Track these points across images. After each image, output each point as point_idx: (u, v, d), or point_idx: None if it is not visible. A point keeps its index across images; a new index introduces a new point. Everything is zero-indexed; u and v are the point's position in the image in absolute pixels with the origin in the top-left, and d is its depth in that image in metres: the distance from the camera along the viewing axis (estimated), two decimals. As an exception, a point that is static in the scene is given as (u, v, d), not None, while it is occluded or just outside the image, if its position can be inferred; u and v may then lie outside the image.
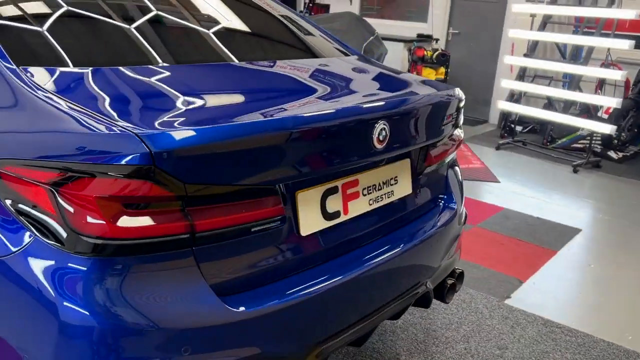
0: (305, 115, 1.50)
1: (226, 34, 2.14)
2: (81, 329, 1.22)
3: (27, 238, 1.26)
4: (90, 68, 1.56)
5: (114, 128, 1.23)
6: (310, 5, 9.12)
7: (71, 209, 1.21)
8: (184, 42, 2.00)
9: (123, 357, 1.24)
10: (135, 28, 1.85)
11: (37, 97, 1.36)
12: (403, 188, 1.93)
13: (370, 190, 1.78)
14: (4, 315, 1.32)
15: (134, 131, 1.21)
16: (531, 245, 3.72)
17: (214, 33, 2.05)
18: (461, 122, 2.24)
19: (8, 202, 1.29)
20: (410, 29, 7.99)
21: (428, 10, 7.90)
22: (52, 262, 1.24)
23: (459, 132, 2.22)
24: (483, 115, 7.63)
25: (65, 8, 1.77)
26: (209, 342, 1.34)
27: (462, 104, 2.18)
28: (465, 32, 7.75)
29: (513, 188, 4.91)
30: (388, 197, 1.86)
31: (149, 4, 2.01)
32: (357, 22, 6.06)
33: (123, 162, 1.19)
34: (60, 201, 1.21)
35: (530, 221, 4.13)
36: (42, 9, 1.80)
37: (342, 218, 1.68)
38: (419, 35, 7.77)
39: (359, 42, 5.80)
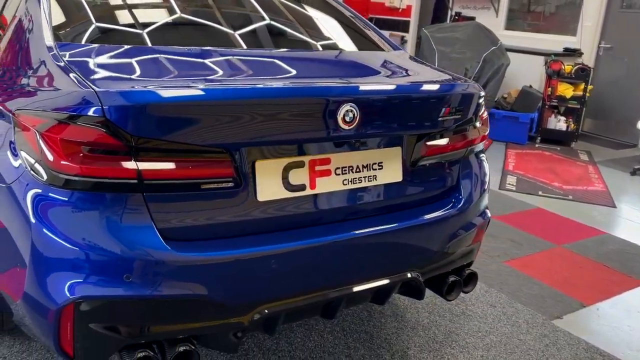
0: (252, 87, 1.66)
1: (243, 20, 2.36)
2: (48, 240, 1.53)
3: (23, 170, 1.61)
4: (97, 44, 1.89)
5: (85, 88, 1.53)
6: (456, 17, 9.05)
7: (46, 149, 1.53)
8: (195, 30, 2.25)
9: (71, 265, 1.52)
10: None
11: (51, 65, 1.72)
12: (390, 175, 1.98)
13: (345, 170, 1.88)
14: (12, 226, 1.67)
15: (96, 90, 1.50)
16: (616, 272, 3.39)
17: (228, 19, 2.29)
18: (480, 117, 2.21)
19: (17, 141, 1.66)
20: (557, 42, 7.53)
21: (578, 23, 7.38)
22: (37, 190, 1.57)
23: (476, 128, 2.20)
24: (632, 138, 6.90)
25: None
26: (150, 275, 1.56)
27: (478, 100, 2.16)
28: (619, 46, 7.09)
29: (629, 215, 4.45)
30: (369, 181, 1.93)
31: None
32: (480, 32, 5.94)
33: (82, 113, 1.49)
34: (41, 142, 1.54)
35: (629, 249, 3.74)
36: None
37: (308, 192, 1.81)
38: (566, 49, 7.29)
39: (480, 52, 5.69)
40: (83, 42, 1.91)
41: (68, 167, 1.51)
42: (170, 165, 1.57)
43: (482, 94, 2.25)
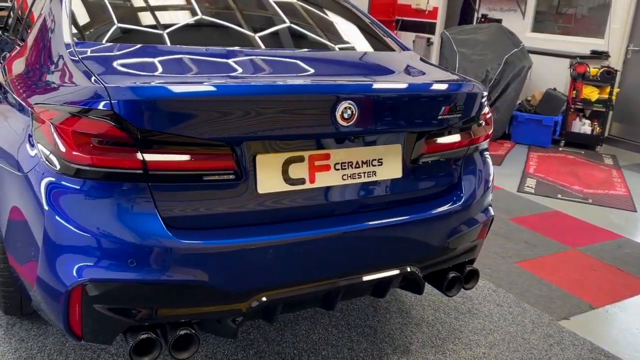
0: (253, 85, 1.74)
1: (251, 20, 2.44)
2: (58, 225, 1.63)
3: (38, 160, 1.72)
4: (113, 43, 1.99)
5: (97, 84, 1.63)
6: (482, 20, 9.00)
7: (59, 141, 1.63)
8: (213, 31, 2.34)
9: (80, 250, 1.62)
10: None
11: (68, 62, 1.83)
12: (390, 171, 2.04)
13: (344, 166, 1.94)
14: (28, 214, 1.78)
15: (105, 85, 1.60)
16: (629, 276, 3.36)
17: (245, 19, 2.37)
18: (483, 116, 2.25)
19: (34, 134, 1.77)
20: (584, 45, 7.43)
21: (606, 26, 7.27)
22: (50, 179, 1.68)
23: (479, 127, 2.23)
24: (661, 144, 6.78)
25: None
26: (153, 260, 1.65)
27: (480, 99, 2.20)
28: (649, 49, 6.97)
29: (649, 219, 4.39)
30: (368, 177, 1.99)
31: None
32: (502, 34, 5.92)
33: (93, 106, 1.59)
34: (55, 134, 1.65)
35: (646, 253, 3.70)
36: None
37: (308, 186, 1.88)
38: (592, 52, 7.20)
39: (501, 54, 5.67)
40: (99, 40, 2.02)
41: (79, 158, 1.61)
42: (174, 157, 1.66)
43: (485, 93, 2.28)
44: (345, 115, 1.83)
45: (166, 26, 2.21)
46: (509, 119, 6.32)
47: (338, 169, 1.93)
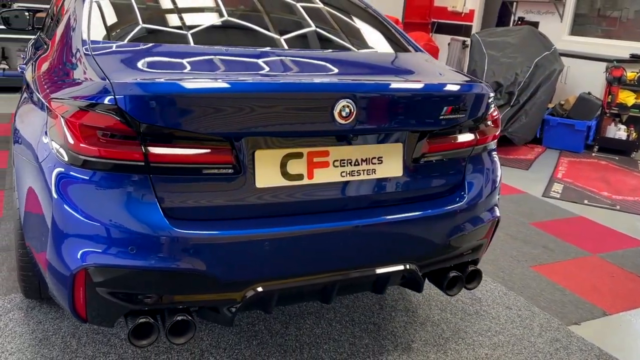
0: (252, 82, 1.80)
1: (266, 21, 2.50)
2: (65, 213, 1.73)
3: (50, 151, 1.83)
4: (126, 42, 2.09)
5: (104, 80, 1.73)
6: (519, 22, 8.86)
7: (68, 133, 1.73)
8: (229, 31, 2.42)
9: (84, 237, 1.72)
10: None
11: (82, 59, 1.93)
12: (390, 170, 2.07)
13: (343, 163, 1.98)
14: (42, 202, 1.89)
15: (111, 81, 1.69)
16: (649, 283, 3.29)
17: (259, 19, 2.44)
18: (489, 116, 2.25)
19: (48, 126, 1.88)
20: (624, 48, 7.23)
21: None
22: (59, 169, 1.78)
23: (484, 128, 2.24)
24: None
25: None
26: (152, 248, 1.74)
27: (486, 100, 2.20)
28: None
29: (679, 227, 4.27)
30: (367, 174, 2.03)
31: None
32: (533, 36, 5.83)
33: (99, 101, 1.68)
34: (64, 127, 1.75)
35: (670, 262, 3.61)
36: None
37: (306, 181, 1.93)
38: (632, 56, 7.00)
39: (531, 57, 5.59)
40: (114, 39, 2.12)
41: (86, 149, 1.70)
42: (174, 151, 1.74)
43: (492, 94, 2.29)
44: (344, 114, 1.87)
45: (176, 27, 2.30)
46: (540, 123, 6.22)
47: (337, 166, 1.98)
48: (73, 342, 2.34)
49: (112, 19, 2.25)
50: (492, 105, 2.31)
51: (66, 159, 1.75)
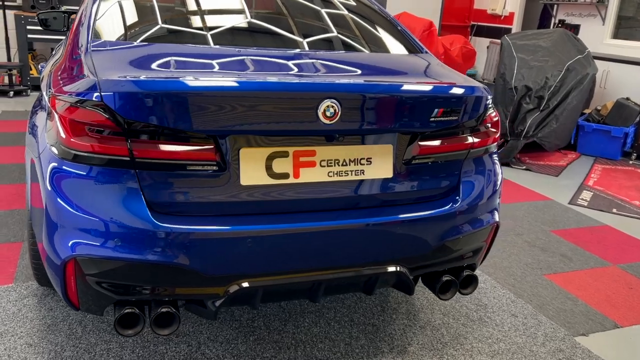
0: (234, 81, 1.83)
1: (264, 20, 2.54)
2: (56, 205, 1.82)
3: (46, 145, 1.93)
4: (125, 41, 2.17)
5: (94, 77, 1.80)
6: (559, 25, 8.64)
7: (60, 128, 1.82)
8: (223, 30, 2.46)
9: (73, 228, 1.79)
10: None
11: (82, 57, 2.03)
12: (380, 171, 2.07)
13: (330, 163, 2.00)
14: (41, 188, 1.98)
15: (98, 79, 1.77)
16: (669, 297, 3.15)
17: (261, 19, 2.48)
18: (487, 119, 2.23)
19: (46, 121, 1.97)
20: (669, 52, 6.96)
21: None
22: (53, 164, 1.87)
23: (481, 131, 2.22)
24: None
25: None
26: (136, 241, 1.80)
27: (482, 103, 2.18)
28: None
29: None
30: (356, 175, 2.04)
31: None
32: (566, 39, 5.67)
33: (87, 97, 1.76)
34: (57, 122, 1.84)
35: (696, 275, 3.45)
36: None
37: (291, 180, 1.96)
38: (677, 61, 6.73)
39: (563, 60, 5.44)
40: (114, 39, 2.20)
41: (75, 144, 1.79)
42: (158, 147, 1.80)
43: (489, 97, 2.26)
44: (328, 114, 1.89)
45: (175, 27, 2.38)
46: (573, 129, 6.05)
47: (324, 166, 2.00)
48: (79, 329, 2.44)
49: (117, 20, 2.34)
50: (491, 108, 2.28)
51: (59, 153, 1.84)
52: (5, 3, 7.69)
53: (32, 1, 7.55)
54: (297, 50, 2.35)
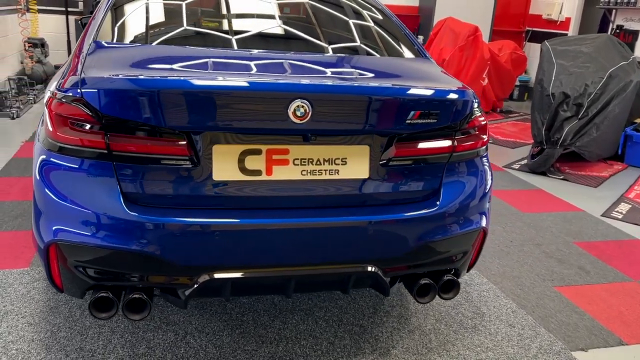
0: (208, 80, 1.91)
1: (249, 23, 2.60)
2: (42, 193, 1.95)
3: (38, 137, 2.07)
4: (121, 43, 2.29)
5: (78, 75, 1.93)
6: (617, 31, 8.27)
7: (49, 121, 1.95)
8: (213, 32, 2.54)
9: (56, 215, 1.92)
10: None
11: (80, 56, 2.16)
12: (355, 171, 2.09)
13: (304, 162, 2.03)
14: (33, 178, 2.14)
15: (81, 77, 1.89)
16: (688, 316, 2.97)
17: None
18: (472, 123, 2.20)
19: (43, 116, 2.12)
20: None
21: None
22: (42, 156, 2.01)
23: (465, 135, 2.19)
24: None
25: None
26: (111, 230, 1.90)
27: (468, 107, 2.15)
28: None
29: None
30: (330, 174, 2.06)
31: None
32: (610, 45, 5.42)
33: (70, 93, 1.89)
34: (47, 116, 1.97)
35: None
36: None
37: (264, 177, 2.01)
38: None
39: (605, 67, 5.21)
40: (112, 41, 2.33)
41: (60, 137, 1.91)
42: (134, 141, 1.90)
43: (475, 101, 2.23)
44: (298, 113, 1.93)
45: (174, 29, 2.48)
46: (619, 139, 5.77)
47: (297, 165, 2.03)
48: (77, 312, 2.59)
49: (119, 24, 2.48)
50: (477, 112, 2.25)
51: (47, 145, 1.97)
52: (69, 9, 8.19)
53: (92, 7, 8.00)
54: (276, 51, 2.39)
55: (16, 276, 2.87)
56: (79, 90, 1.87)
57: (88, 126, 1.89)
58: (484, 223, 2.32)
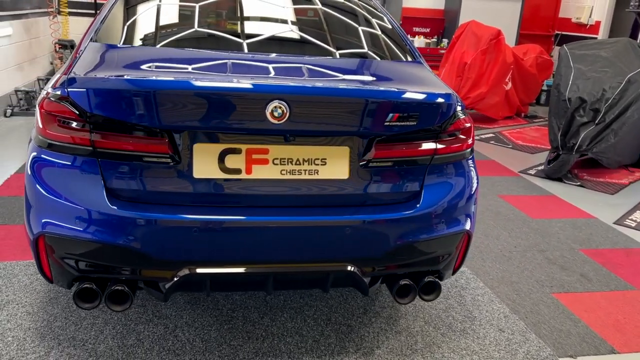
0: (187, 81, 1.97)
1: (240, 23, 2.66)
2: (32, 187, 2.05)
3: (31, 134, 2.17)
4: (115, 44, 2.37)
5: (67, 74, 2.02)
6: (647, 35, 8.06)
7: (39, 119, 2.05)
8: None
9: (43, 208, 2.01)
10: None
11: (76, 57, 2.26)
12: (335, 172, 2.12)
13: (283, 162, 2.08)
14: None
15: (68, 76, 1.98)
16: (688, 327, 2.90)
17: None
18: (454, 126, 2.21)
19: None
20: None
21: None
22: (34, 152, 2.11)
23: (448, 138, 2.21)
24: None
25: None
26: (94, 223, 1.99)
27: (451, 110, 2.17)
28: None
29: None
30: (309, 174, 2.11)
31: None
32: (630, 49, 5.30)
33: (57, 92, 1.98)
34: (37, 113, 2.07)
35: None
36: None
37: (243, 176, 2.06)
38: None
39: (624, 72, 5.10)
40: (108, 41, 2.42)
41: (49, 134, 2.01)
42: (117, 139, 1.98)
43: (458, 104, 2.24)
44: (276, 114, 1.98)
45: (173, 31, 2.57)
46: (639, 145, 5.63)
47: (277, 164, 2.08)
48: (74, 304, 2.69)
49: (116, 26, 2.57)
50: (461, 115, 2.25)
51: (37, 142, 2.07)
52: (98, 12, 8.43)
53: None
54: (258, 53, 2.44)
55: (22, 267, 3.00)
56: (65, 89, 1.96)
57: (74, 124, 1.98)
58: (467, 226, 2.32)
